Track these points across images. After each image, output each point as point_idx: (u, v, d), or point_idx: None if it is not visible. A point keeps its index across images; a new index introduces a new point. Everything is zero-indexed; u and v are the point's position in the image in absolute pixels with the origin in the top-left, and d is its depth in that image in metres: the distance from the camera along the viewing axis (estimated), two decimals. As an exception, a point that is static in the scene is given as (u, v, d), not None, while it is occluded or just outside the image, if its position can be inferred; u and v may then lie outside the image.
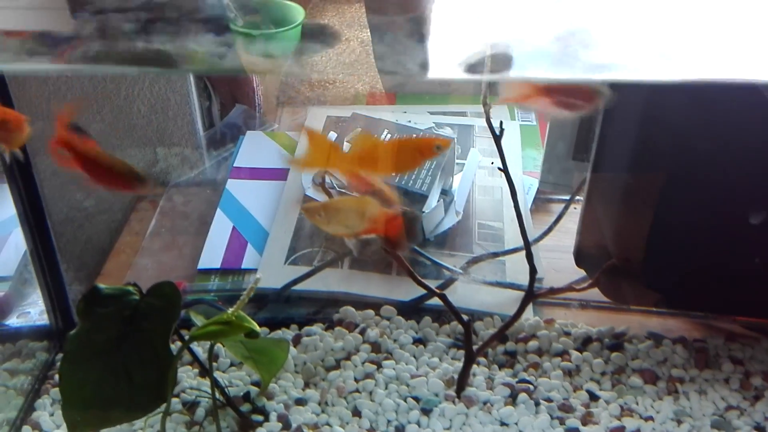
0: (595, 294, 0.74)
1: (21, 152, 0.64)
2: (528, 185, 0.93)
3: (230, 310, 0.49)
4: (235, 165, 0.99)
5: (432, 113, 1.10)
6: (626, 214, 0.64)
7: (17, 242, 0.82)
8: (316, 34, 0.44)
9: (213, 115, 1.08)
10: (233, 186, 0.95)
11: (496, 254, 0.79)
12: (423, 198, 0.80)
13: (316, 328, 0.71)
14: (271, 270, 0.79)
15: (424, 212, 0.80)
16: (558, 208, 0.92)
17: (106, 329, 0.51)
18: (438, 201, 0.83)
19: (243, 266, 0.82)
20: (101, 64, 0.42)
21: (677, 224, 0.62)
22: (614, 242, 0.65)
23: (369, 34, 0.50)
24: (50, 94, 0.87)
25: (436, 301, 0.73)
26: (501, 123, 0.62)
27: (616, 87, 0.56)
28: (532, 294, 0.62)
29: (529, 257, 0.62)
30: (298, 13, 1.08)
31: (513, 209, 0.86)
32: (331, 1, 0.75)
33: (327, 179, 0.79)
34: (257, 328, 0.50)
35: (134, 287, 0.53)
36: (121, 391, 0.49)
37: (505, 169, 0.62)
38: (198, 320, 0.56)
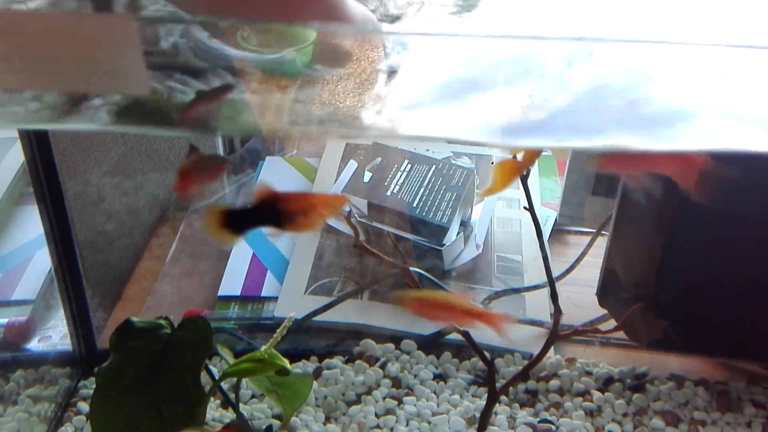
0: (616, 332, 0.74)
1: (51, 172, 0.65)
2: (545, 216, 0.93)
3: (263, 348, 0.50)
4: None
5: (450, 142, 1.11)
6: (653, 255, 0.64)
7: (40, 265, 0.83)
8: (327, 54, 0.44)
9: (233, 141, 1.09)
10: (253, 212, 0.95)
11: (517, 290, 0.79)
12: (443, 230, 0.81)
13: (337, 360, 0.71)
14: (291, 299, 0.79)
15: (444, 244, 0.80)
16: (575, 240, 0.92)
17: (137, 363, 0.52)
18: (458, 233, 0.83)
19: (263, 294, 0.82)
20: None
21: (707, 266, 0.63)
22: (640, 283, 0.65)
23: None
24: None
25: (455, 336, 0.73)
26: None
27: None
28: (556, 335, 0.62)
29: (554, 297, 0.62)
30: (310, 34, 1.09)
31: (532, 242, 0.89)
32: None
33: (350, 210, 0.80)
34: (288, 365, 0.51)
35: (166, 321, 0.53)
36: (151, 426, 0.49)
37: (531, 208, 0.62)
38: (224, 353, 0.57)
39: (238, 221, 0.47)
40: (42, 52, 0.22)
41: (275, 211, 0.46)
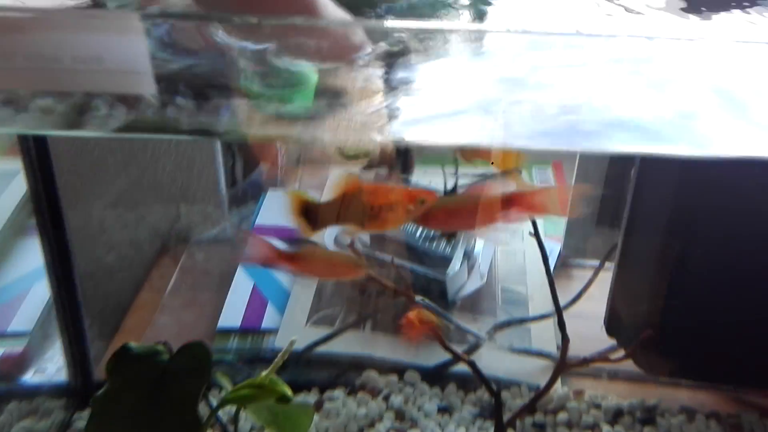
0: (625, 364, 0.73)
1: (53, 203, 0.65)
2: (549, 249, 0.92)
3: (264, 373, 0.48)
4: (256, 224, 0.99)
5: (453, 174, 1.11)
6: (660, 282, 0.63)
7: (37, 297, 0.82)
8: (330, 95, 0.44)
9: (236, 174, 1.08)
10: (254, 244, 0.94)
11: (523, 320, 0.78)
12: (446, 261, 0.80)
13: (339, 392, 0.70)
14: (292, 331, 0.78)
15: (447, 275, 0.79)
16: (580, 273, 0.91)
17: (134, 390, 0.50)
18: (461, 264, 0.82)
19: (263, 326, 0.81)
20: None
21: (715, 294, 0.61)
22: (648, 311, 0.64)
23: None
24: (79, 151, 0.88)
25: (460, 367, 0.72)
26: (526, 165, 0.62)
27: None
28: (564, 364, 0.60)
29: (562, 325, 0.61)
30: (312, 75, 1.10)
31: (537, 274, 0.88)
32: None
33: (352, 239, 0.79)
34: (289, 392, 0.49)
35: (164, 346, 0.52)
36: (146, 455, 0.48)
37: (536, 234, 0.62)
38: (223, 381, 0.55)
39: (318, 213, 0.43)
40: (46, 51, 0.22)
41: (359, 204, 0.42)
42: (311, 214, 0.43)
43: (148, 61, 0.23)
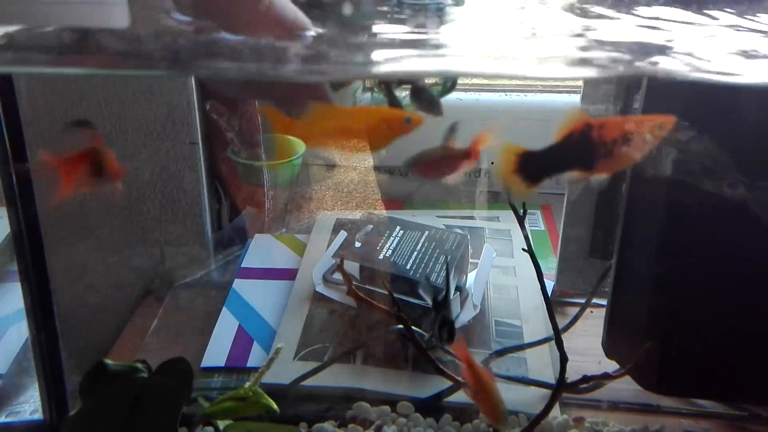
0: (624, 394, 0.70)
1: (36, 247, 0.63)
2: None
3: (247, 384, 0.46)
4: (242, 266, 0.97)
5: (440, 217, 1.10)
6: (656, 300, 0.62)
7: (13, 340, 0.79)
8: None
9: (222, 218, 1.07)
10: (240, 285, 0.93)
11: (521, 346, 0.75)
12: (438, 290, 0.78)
13: (328, 425, 0.66)
14: (279, 365, 0.75)
15: (439, 306, 0.77)
16: (574, 310, 0.89)
17: (109, 411, 0.47)
18: (454, 295, 0.80)
19: (248, 364, 0.78)
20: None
21: (712, 310, 0.60)
22: (647, 329, 0.62)
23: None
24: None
25: (456, 398, 0.69)
26: (524, 204, 0.62)
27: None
28: (563, 383, 0.58)
29: (559, 344, 0.59)
30: (299, 146, 1.11)
31: (530, 308, 0.86)
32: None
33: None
34: (274, 405, 0.46)
35: (143, 364, 0.49)
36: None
37: (530, 250, 0.61)
38: (203, 402, 0.52)
39: (540, 163, 0.38)
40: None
41: (589, 143, 0.36)
42: (529, 166, 0.39)
43: (123, -7, 0.23)
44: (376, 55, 0.32)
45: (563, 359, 0.58)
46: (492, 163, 0.45)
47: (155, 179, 0.94)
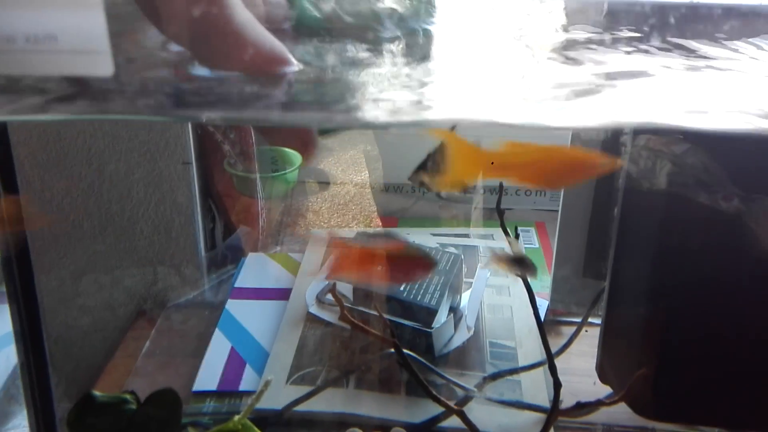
0: (619, 417, 0.70)
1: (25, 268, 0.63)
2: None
3: (236, 418, 0.45)
4: (236, 286, 0.97)
5: (435, 234, 1.10)
6: (651, 325, 0.61)
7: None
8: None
9: (216, 237, 1.07)
10: (233, 306, 0.92)
11: (514, 370, 0.75)
12: (432, 312, 0.77)
13: (322, 452, 0.66)
14: (271, 390, 0.74)
15: (433, 327, 0.77)
16: (569, 330, 0.89)
17: (97, 443, 0.47)
18: (447, 316, 0.80)
19: (241, 388, 0.77)
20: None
21: (706, 336, 0.59)
22: (641, 355, 0.62)
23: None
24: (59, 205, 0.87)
25: (449, 423, 0.68)
26: (516, 228, 0.61)
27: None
28: (557, 409, 0.57)
29: (553, 369, 0.58)
30: (296, 159, 1.11)
31: (525, 328, 0.85)
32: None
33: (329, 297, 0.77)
34: (264, 438, 0.46)
35: (132, 395, 0.48)
36: None
37: (527, 285, 0.60)
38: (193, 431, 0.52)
39: None
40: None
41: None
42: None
43: (107, 41, 0.23)
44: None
45: (557, 386, 0.57)
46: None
47: (148, 198, 0.94)
